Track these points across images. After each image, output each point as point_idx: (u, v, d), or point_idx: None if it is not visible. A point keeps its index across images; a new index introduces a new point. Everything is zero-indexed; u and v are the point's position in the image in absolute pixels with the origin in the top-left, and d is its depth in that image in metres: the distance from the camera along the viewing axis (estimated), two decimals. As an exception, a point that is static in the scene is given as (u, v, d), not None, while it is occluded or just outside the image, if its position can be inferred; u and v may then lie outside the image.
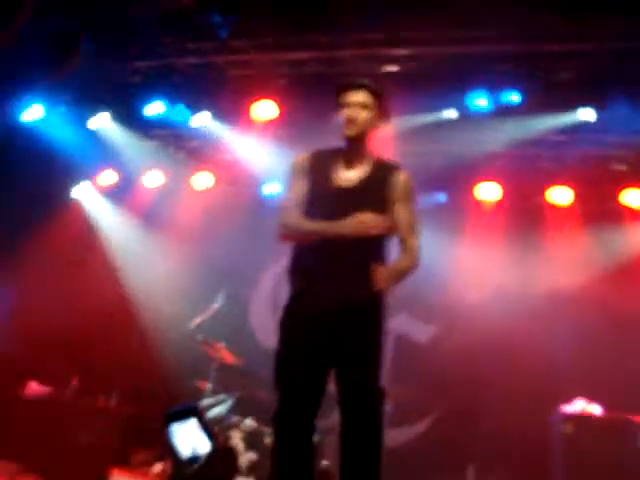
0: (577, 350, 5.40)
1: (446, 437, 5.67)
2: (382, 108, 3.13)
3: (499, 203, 6.25)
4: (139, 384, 6.21)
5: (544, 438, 5.10)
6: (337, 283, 3.02)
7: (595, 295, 5.63)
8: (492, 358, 5.67)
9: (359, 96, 3.08)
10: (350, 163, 3.15)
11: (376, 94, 3.10)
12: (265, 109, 5.89)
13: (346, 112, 3.08)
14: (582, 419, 4.94)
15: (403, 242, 3.10)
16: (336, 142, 3.16)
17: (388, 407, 5.59)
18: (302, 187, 3.14)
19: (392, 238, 3.11)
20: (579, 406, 5.05)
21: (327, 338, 3.04)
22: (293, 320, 3.12)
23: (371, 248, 3.03)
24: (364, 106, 3.07)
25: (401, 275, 3.03)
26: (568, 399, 5.10)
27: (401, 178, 3.12)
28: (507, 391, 5.39)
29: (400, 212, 3.10)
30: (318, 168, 3.16)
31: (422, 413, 6.05)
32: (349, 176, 3.13)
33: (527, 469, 4.99)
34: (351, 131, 3.08)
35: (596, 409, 5.04)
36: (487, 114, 5.49)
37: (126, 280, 6.90)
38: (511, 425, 5.23)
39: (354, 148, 3.13)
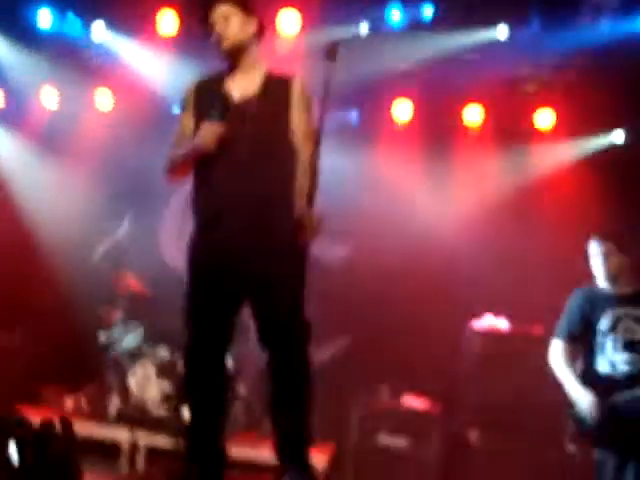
0: (489, 267, 5.53)
1: (358, 359, 5.75)
2: (252, 15, 3.03)
3: (411, 122, 6.18)
4: (44, 318, 5.94)
5: (454, 356, 5.27)
6: (241, 215, 2.91)
7: (503, 214, 5.74)
8: (405, 279, 5.74)
9: (219, 9, 2.96)
10: (238, 81, 3.01)
11: (239, 3, 2.98)
12: (166, 20, 5.49)
13: (215, 29, 2.96)
14: (488, 335, 5.13)
15: (298, 153, 3.00)
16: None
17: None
18: (188, 121, 3.03)
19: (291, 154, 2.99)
20: (487, 322, 5.23)
21: (238, 274, 2.94)
22: (199, 257, 3.02)
23: (271, 176, 2.92)
24: (227, 18, 2.95)
25: (311, 202, 2.93)
26: (480, 315, 5.26)
27: (295, 86, 3.00)
28: (419, 312, 5.50)
29: (295, 121, 2.98)
30: (206, 92, 3.03)
31: (334, 335, 6.10)
32: (240, 92, 2.99)
33: (438, 386, 5.16)
34: (224, 46, 2.97)
35: (503, 323, 5.23)
36: (400, 29, 5.34)
37: (24, 209, 6.48)
38: (422, 344, 5.36)
39: (237, 63, 3.01)
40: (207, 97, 3.01)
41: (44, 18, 5.59)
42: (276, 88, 2.98)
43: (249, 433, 4.90)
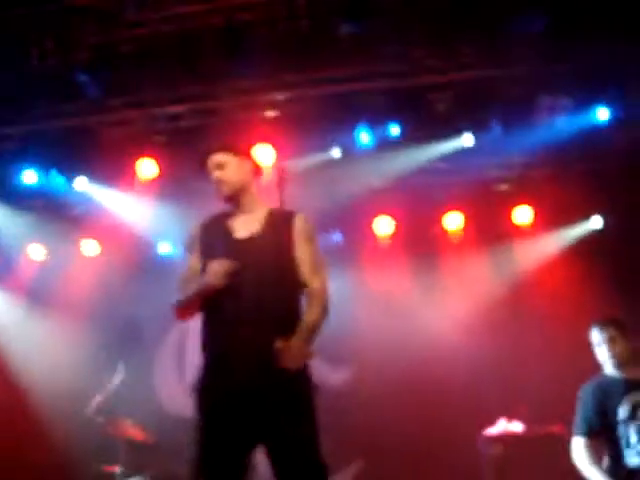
0: (490, 371, 5.45)
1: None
2: (246, 159, 3.15)
3: (394, 235, 6.29)
4: (40, 475, 5.69)
5: (472, 463, 5.07)
6: (250, 355, 2.85)
7: (497, 313, 5.73)
8: (409, 392, 5.62)
9: (214, 158, 3.10)
10: (241, 219, 3.09)
11: (231, 150, 3.12)
12: (145, 168, 5.68)
13: (213, 177, 3.09)
14: (507, 438, 4.97)
15: (307, 286, 3.00)
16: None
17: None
18: (195, 261, 3.07)
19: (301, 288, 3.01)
20: (501, 426, 5.08)
21: (249, 416, 2.84)
22: (209, 396, 2.93)
23: (279, 309, 2.89)
24: (222, 166, 3.07)
25: (314, 331, 2.94)
26: (490, 422, 5.11)
27: (298, 221, 3.06)
28: (429, 423, 5.35)
29: (300, 254, 3.01)
30: (210, 233, 3.09)
31: (344, 461, 5.88)
32: (243, 230, 3.06)
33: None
34: (223, 192, 3.08)
35: (517, 426, 5.07)
36: (370, 149, 5.55)
37: (14, 363, 6.37)
38: (437, 459, 5.16)
39: (238, 206, 3.11)
40: (212, 237, 3.07)
41: (29, 177, 5.76)
42: (278, 222, 3.04)
43: None
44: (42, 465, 5.80)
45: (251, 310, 2.88)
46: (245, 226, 3.06)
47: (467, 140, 5.42)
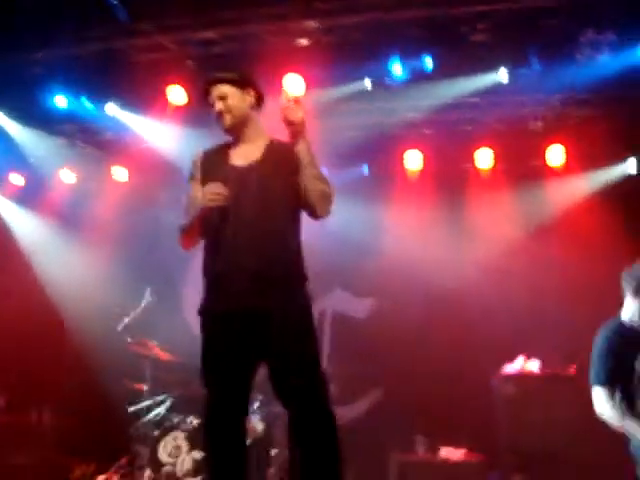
0: (511, 310, 5.47)
1: (392, 411, 5.67)
2: (249, 89, 3.14)
3: (423, 171, 6.24)
4: (72, 393, 5.93)
5: (489, 399, 5.16)
6: (247, 279, 2.91)
7: (524, 254, 5.71)
8: (432, 326, 5.69)
9: (216, 90, 3.10)
10: (242, 149, 3.12)
11: (234, 80, 3.10)
12: (175, 94, 5.65)
13: (215, 109, 3.10)
14: (522, 377, 5.02)
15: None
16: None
17: (332, 387, 5.53)
18: (196, 188, 3.10)
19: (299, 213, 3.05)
20: (519, 364, 5.13)
21: (249, 336, 2.93)
22: (210, 319, 3.03)
23: (277, 235, 2.93)
24: (223, 97, 3.07)
25: (314, 158, 3.00)
26: (511, 358, 5.16)
27: (299, 147, 3.04)
28: (450, 358, 5.42)
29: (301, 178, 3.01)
30: (211, 161, 3.13)
31: (366, 389, 6.02)
32: (243, 158, 3.10)
33: (473, 434, 5.03)
34: (224, 124, 3.10)
35: (534, 365, 5.12)
36: (402, 82, 5.43)
37: (48, 285, 6.57)
38: (456, 391, 5.25)
39: (240, 136, 3.13)
40: (212, 165, 3.11)
41: (60, 102, 5.77)
42: (279, 152, 3.05)
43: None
44: (73, 383, 6.01)
45: (248, 236, 2.94)
46: (245, 155, 3.10)
47: (503, 75, 5.27)
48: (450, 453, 4.96)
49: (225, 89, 3.08)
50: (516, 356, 5.16)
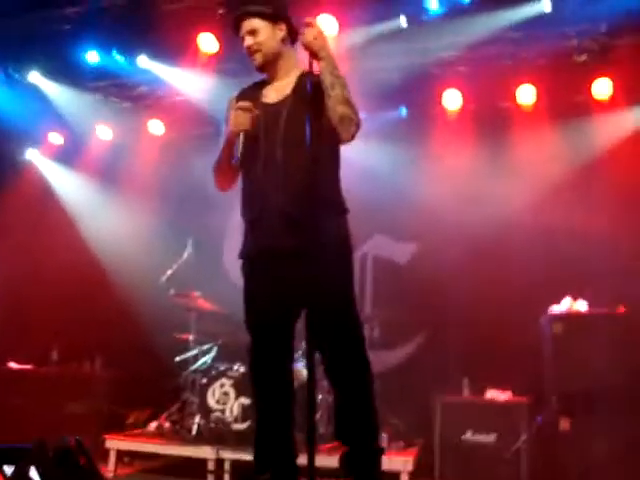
0: (556, 251, 5.35)
1: (437, 354, 5.66)
2: (281, 23, 3.01)
3: (462, 110, 6.07)
4: (121, 344, 6.08)
5: (535, 341, 5.09)
6: (280, 219, 2.88)
7: (569, 192, 5.54)
8: (474, 269, 5.60)
9: (246, 25, 2.98)
10: (274, 86, 3.05)
11: (264, 14, 2.96)
12: (206, 42, 5.56)
13: (245, 45, 2.99)
14: (570, 317, 4.93)
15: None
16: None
17: (376, 331, 5.54)
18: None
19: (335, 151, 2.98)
20: (565, 305, 5.03)
21: (284, 276, 2.91)
22: (247, 261, 3.02)
23: (307, 171, 2.81)
24: (253, 32, 2.96)
25: (337, 69, 2.87)
26: (557, 299, 5.07)
27: (320, 68, 2.92)
28: (494, 301, 5.34)
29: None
30: (247, 100, 3.03)
31: (410, 333, 6.01)
32: (275, 95, 3.03)
33: (520, 376, 4.99)
34: (256, 61, 3.01)
35: (582, 305, 5.02)
36: (438, 17, 5.22)
37: (90, 240, 6.68)
38: (501, 333, 5.19)
39: (273, 71, 3.05)
40: (249, 101, 3.01)
41: (92, 57, 5.75)
42: (310, 83, 2.88)
43: (332, 444, 4.85)
44: (122, 335, 6.14)
45: (277, 173, 2.89)
46: (277, 91, 3.03)
47: (545, 5, 5.03)
48: (496, 395, 4.94)
49: (255, 23, 2.97)
50: (562, 297, 5.05)
